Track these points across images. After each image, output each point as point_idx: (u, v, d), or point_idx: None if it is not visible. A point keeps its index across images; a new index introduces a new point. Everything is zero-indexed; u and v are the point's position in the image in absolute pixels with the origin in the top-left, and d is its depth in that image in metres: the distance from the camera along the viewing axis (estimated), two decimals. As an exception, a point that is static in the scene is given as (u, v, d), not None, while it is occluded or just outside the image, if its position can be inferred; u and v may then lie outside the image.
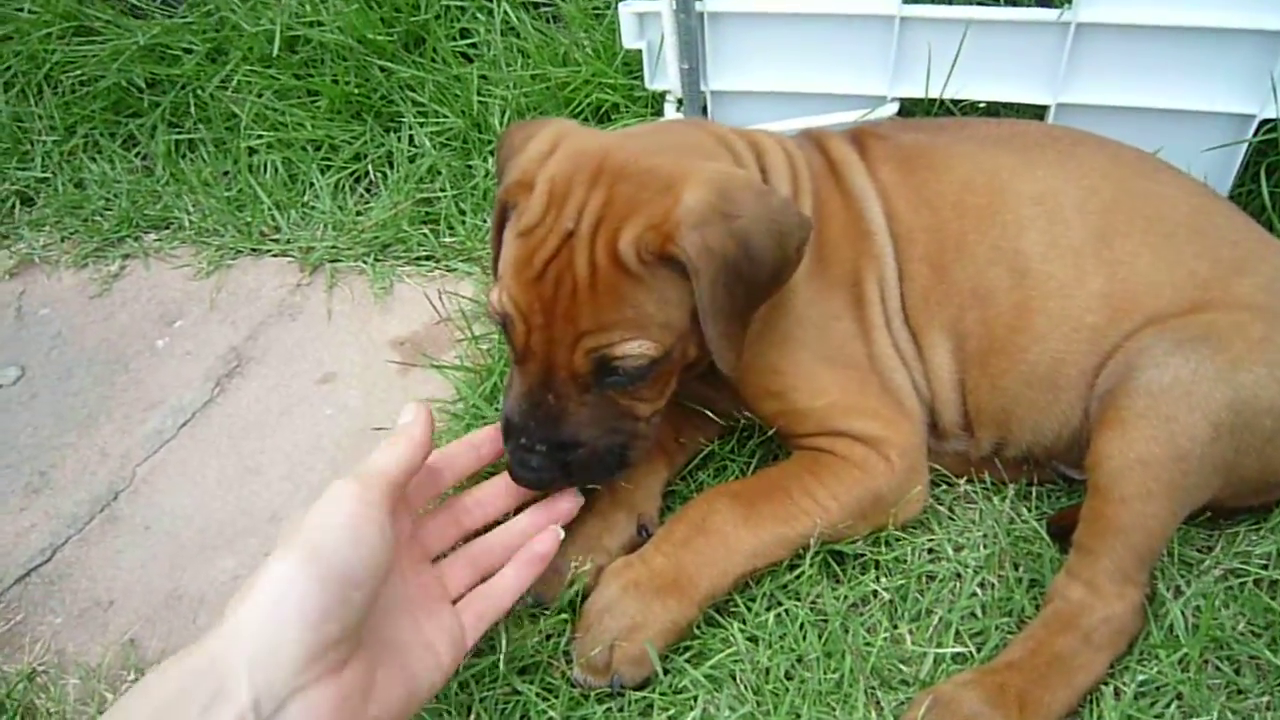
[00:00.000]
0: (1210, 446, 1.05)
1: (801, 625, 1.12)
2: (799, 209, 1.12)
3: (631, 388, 1.07)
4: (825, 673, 1.08)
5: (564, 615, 1.12)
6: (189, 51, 1.89)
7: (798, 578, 1.15)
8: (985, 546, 1.20)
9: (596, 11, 1.66)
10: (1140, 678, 1.06)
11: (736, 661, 1.09)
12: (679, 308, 1.04)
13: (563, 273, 1.01)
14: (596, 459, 1.09)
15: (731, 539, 1.11)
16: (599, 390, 1.06)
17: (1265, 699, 1.04)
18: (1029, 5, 1.45)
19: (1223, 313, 1.11)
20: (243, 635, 0.74)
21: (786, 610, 1.13)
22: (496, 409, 1.34)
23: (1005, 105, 1.40)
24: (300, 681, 0.75)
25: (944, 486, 1.26)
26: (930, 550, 1.21)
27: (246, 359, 1.58)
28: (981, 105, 1.41)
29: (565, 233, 1.01)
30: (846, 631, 1.12)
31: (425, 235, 1.70)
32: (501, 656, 1.08)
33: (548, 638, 1.12)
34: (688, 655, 1.10)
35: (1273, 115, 1.32)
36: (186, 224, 1.80)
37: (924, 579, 1.18)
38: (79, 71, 1.92)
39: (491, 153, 1.69)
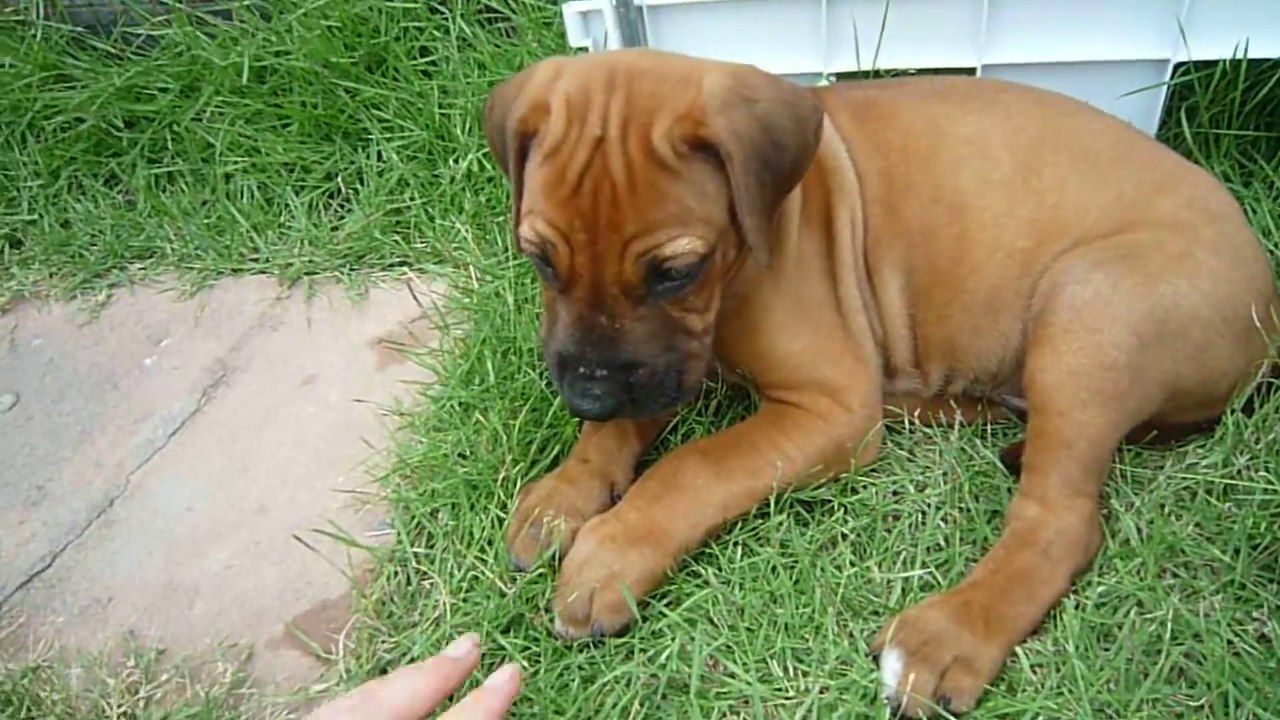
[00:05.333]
0: (1139, 355, 1.09)
1: (773, 567, 1.15)
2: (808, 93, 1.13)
3: (682, 295, 1.07)
4: (798, 607, 1.11)
5: (541, 574, 1.15)
6: (164, 90, 1.97)
7: (767, 524, 1.19)
8: (945, 483, 1.24)
9: (546, 20, 1.75)
10: (1100, 589, 1.09)
11: (712, 603, 1.12)
12: (716, 202, 1.04)
13: (600, 180, 1.00)
14: (656, 381, 1.08)
15: (702, 492, 1.15)
16: (652, 302, 1.06)
17: (1219, 597, 1.08)
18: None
19: (1146, 231, 1.16)
20: None
21: (758, 554, 1.17)
22: (472, 389, 1.39)
23: (934, 70, 1.48)
24: None
25: (903, 432, 1.31)
26: (894, 492, 1.25)
27: (231, 369, 1.63)
28: (912, 72, 1.48)
29: (594, 140, 1.00)
30: (816, 569, 1.15)
31: (396, 242, 1.76)
32: (485, 616, 1.12)
33: (527, 600, 1.15)
34: (665, 601, 1.14)
35: (1185, 59, 1.39)
36: (169, 252, 1.86)
37: (889, 518, 1.22)
38: (60, 117, 2.00)
39: (456, 159, 1.76)
